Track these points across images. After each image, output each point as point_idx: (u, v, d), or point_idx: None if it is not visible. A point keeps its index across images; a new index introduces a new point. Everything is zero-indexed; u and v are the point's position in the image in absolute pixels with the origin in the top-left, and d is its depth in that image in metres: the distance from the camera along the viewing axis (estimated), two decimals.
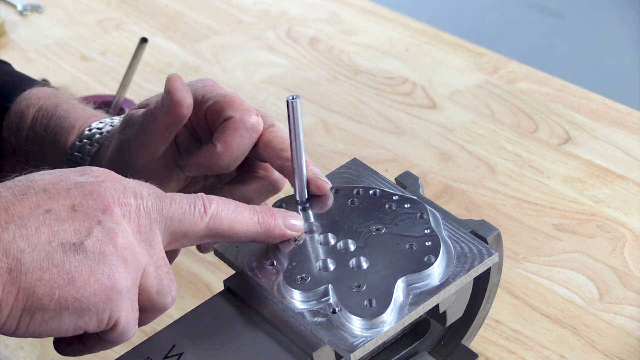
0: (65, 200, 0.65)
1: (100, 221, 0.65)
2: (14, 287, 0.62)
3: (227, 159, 0.79)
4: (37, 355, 0.94)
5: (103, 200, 0.66)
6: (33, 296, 0.62)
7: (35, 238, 0.63)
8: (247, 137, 0.79)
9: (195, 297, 0.99)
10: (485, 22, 3.05)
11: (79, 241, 0.64)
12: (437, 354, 0.81)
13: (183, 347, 0.71)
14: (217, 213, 0.70)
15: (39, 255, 0.62)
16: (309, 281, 0.72)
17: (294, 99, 0.74)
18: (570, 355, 0.91)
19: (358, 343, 0.68)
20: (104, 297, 0.64)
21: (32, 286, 0.62)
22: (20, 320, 0.63)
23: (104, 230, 0.65)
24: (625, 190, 1.09)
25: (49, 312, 0.63)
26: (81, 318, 0.64)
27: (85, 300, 0.64)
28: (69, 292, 0.63)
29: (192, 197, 0.70)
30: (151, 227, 0.68)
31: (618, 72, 2.82)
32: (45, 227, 0.63)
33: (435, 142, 1.17)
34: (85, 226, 0.64)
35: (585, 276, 0.99)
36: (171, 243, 0.70)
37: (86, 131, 0.87)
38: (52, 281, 0.63)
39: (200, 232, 0.70)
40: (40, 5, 1.47)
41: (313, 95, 1.27)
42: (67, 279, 0.63)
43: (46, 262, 0.63)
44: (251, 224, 0.72)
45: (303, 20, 1.42)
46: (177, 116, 0.79)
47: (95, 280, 0.64)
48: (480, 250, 0.74)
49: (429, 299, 0.71)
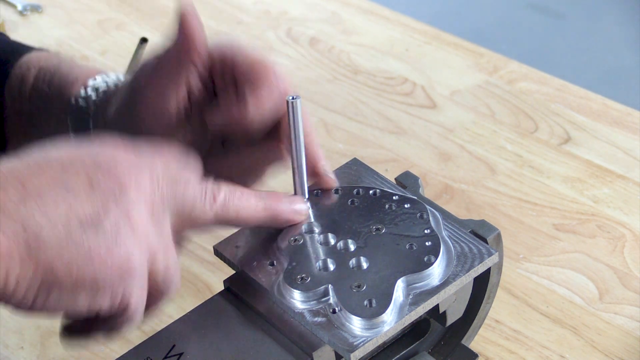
0: (83, 177, 0.64)
1: (117, 201, 0.64)
2: (32, 263, 0.61)
3: (255, 113, 0.75)
4: (37, 355, 0.94)
5: (120, 180, 0.65)
6: (51, 273, 0.62)
7: (55, 215, 0.62)
8: (276, 90, 0.76)
9: (195, 297, 0.99)
10: (485, 22, 3.05)
11: (97, 220, 0.63)
12: (437, 354, 0.81)
13: (183, 347, 0.71)
14: (225, 201, 0.70)
15: (58, 232, 0.62)
16: (309, 281, 0.72)
17: (294, 99, 0.74)
18: (570, 355, 0.91)
19: (358, 343, 0.68)
20: (118, 276, 0.64)
21: (51, 263, 0.62)
22: (37, 295, 0.63)
23: (121, 211, 0.64)
24: (625, 190, 1.09)
25: (65, 289, 0.63)
26: (95, 297, 0.64)
27: (101, 279, 0.63)
28: (86, 270, 0.63)
29: (202, 184, 0.70)
30: (164, 211, 0.67)
31: (618, 72, 2.82)
32: (64, 204, 0.62)
33: (435, 142, 1.17)
34: (103, 205, 0.64)
35: (585, 276, 0.99)
36: (178, 229, 0.70)
37: (91, 81, 0.85)
38: (71, 258, 0.62)
39: (208, 220, 0.70)
40: (40, 5, 1.47)
41: (313, 95, 1.27)
42: (86, 257, 0.62)
43: (65, 240, 0.62)
44: (257, 210, 0.72)
45: (303, 20, 1.42)
46: (189, 53, 0.76)
47: (111, 260, 0.63)
48: (480, 250, 0.74)
49: (429, 299, 0.71)
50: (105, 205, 0.64)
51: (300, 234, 0.76)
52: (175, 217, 0.69)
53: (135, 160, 0.67)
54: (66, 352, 0.94)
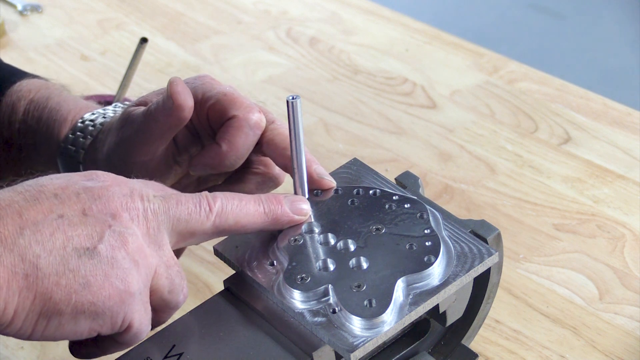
0: (76, 205, 0.65)
1: (110, 225, 0.65)
2: (30, 293, 0.62)
3: (232, 157, 0.79)
4: (37, 356, 0.94)
5: (111, 205, 0.66)
6: (50, 301, 0.63)
7: (50, 243, 0.63)
8: (251, 135, 0.79)
9: (195, 297, 0.99)
10: (485, 22, 3.05)
11: (92, 246, 0.64)
12: (437, 354, 0.81)
13: (183, 347, 0.71)
14: (222, 210, 0.71)
15: (54, 261, 0.63)
16: (309, 281, 0.72)
17: (294, 99, 0.75)
18: (570, 355, 0.91)
19: (358, 343, 0.68)
20: (118, 300, 0.65)
21: (49, 291, 0.63)
22: (36, 325, 0.64)
23: (115, 235, 0.65)
24: (625, 190, 1.09)
25: (65, 316, 0.64)
26: (96, 321, 0.65)
27: (100, 304, 0.64)
28: (85, 297, 0.64)
29: (196, 196, 0.71)
30: (159, 228, 0.68)
31: (618, 72, 2.82)
32: (59, 233, 0.64)
33: (435, 142, 1.17)
34: (97, 231, 0.65)
35: (585, 276, 0.99)
36: (178, 243, 0.71)
37: (79, 124, 0.87)
38: (69, 286, 0.63)
39: (207, 230, 0.71)
40: (40, 5, 1.47)
41: (313, 95, 1.27)
42: (83, 284, 0.63)
43: (62, 267, 0.63)
44: (257, 215, 0.73)
45: (303, 20, 1.42)
46: (179, 119, 0.79)
47: (109, 284, 0.64)
48: (480, 250, 0.74)
49: (429, 299, 0.71)
50: (100, 231, 0.65)
51: (300, 234, 0.76)
52: (172, 231, 0.69)
53: (126, 186, 0.68)
54: (66, 352, 0.94)
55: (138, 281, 0.66)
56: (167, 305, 0.70)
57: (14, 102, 0.90)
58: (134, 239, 0.66)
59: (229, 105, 0.79)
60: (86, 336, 0.66)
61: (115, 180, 0.68)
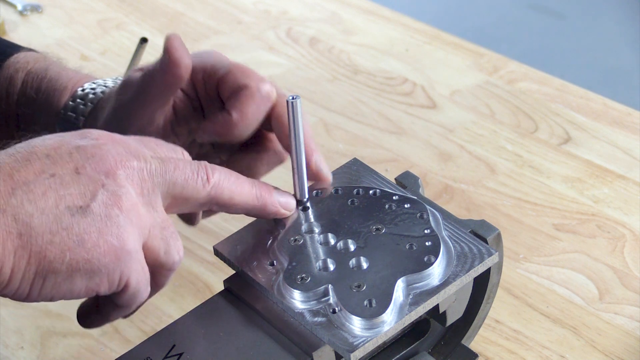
0: (68, 164, 0.65)
1: (104, 184, 0.65)
2: (25, 252, 0.62)
3: (241, 127, 0.78)
4: (37, 356, 0.94)
5: (105, 163, 0.66)
6: (45, 260, 0.63)
7: (43, 202, 0.63)
8: (262, 105, 0.79)
9: (195, 297, 0.99)
10: (485, 22, 3.05)
11: (85, 204, 0.64)
12: (437, 354, 0.81)
13: (183, 347, 0.71)
14: (219, 183, 0.71)
15: (47, 219, 0.63)
16: (309, 281, 0.72)
17: (294, 99, 0.75)
18: (570, 355, 0.91)
19: (358, 343, 0.68)
20: (113, 257, 0.64)
21: (43, 250, 0.63)
22: (33, 284, 0.63)
23: (108, 193, 0.65)
24: (625, 190, 1.09)
25: (61, 274, 0.63)
26: (92, 279, 0.65)
27: (95, 261, 0.64)
28: (79, 254, 0.63)
29: (195, 164, 0.70)
30: (154, 190, 0.68)
31: (618, 72, 2.82)
32: (51, 192, 0.63)
33: (435, 142, 1.17)
34: (90, 189, 0.64)
35: (585, 276, 0.99)
36: (171, 207, 0.70)
37: (79, 91, 0.86)
38: (63, 244, 0.63)
39: (201, 199, 0.71)
40: (40, 5, 1.47)
41: (313, 95, 1.27)
42: (77, 241, 0.63)
43: (55, 226, 0.63)
44: (250, 197, 0.73)
45: (303, 20, 1.42)
46: (174, 76, 0.78)
47: (104, 242, 0.64)
48: (480, 250, 0.74)
49: (429, 299, 0.71)
50: (93, 189, 0.64)
51: (300, 234, 0.76)
52: (167, 194, 0.69)
53: (122, 145, 0.68)
54: (66, 352, 0.95)
55: (134, 239, 0.65)
56: (163, 267, 0.69)
57: (12, 75, 0.90)
58: (127, 197, 0.65)
59: (241, 75, 0.79)
60: (83, 296, 0.65)
61: (110, 138, 0.68)
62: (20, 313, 0.98)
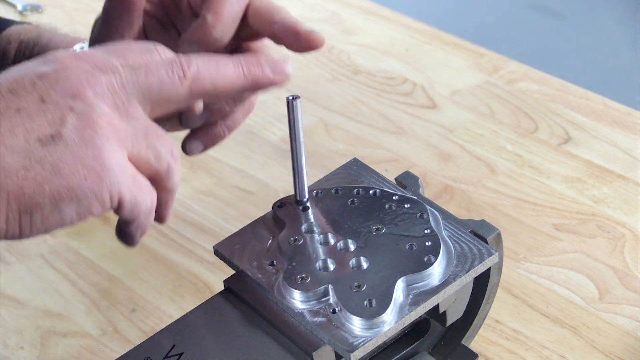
0: (32, 95, 0.63)
1: (71, 107, 0.63)
2: (2, 193, 0.61)
3: (219, 29, 0.76)
4: (37, 356, 0.94)
5: (71, 85, 0.64)
6: (24, 197, 0.62)
7: (12, 140, 0.62)
8: (236, 3, 0.76)
9: (195, 297, 0.99)
10: (485, 22, 3.05)
11: (56, 132, 0.63)
12: (437, 354, 0.81)
13: (183, 347, 0.71)
14: (198, 74, 0.68)
15: (19, 156, 0.62)
16: (309, 281, 0.72)
17: (294, 99, 0.75)
18: (570, 355, 0.91)
19: (358, 343, 0.68)
20: (96, 178, 0.63)
21: (20, 187, 0.61)
22: (21, 222, 0.62)
23: (78, 116, 0.63)
24: (625, 190, 1.09)
25: (46, 207, 0.62)
26: (81, 204, 0.63)
27: (78, 187, 0.63)
28: (59, 183, 0.62)
29: (169, 62, 0.68)
30: (128, 99, 0.66)
31: (618, 72, 2.82)
32: (19, 127, 0.62)
33: (435, 142, 1.17)
34: (58, 116, 0.63)
35: (585, 276, 0.99)
36: (154, 111, 0.68)
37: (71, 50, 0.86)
38: (39, 177, 0.62)
39: (182, 96, 0.68)
40: (40, 5, 1.47)
41: (313, 95, 1.27)
42: (53, 171, 0.62)
43: (28, 161, 0.62)
44: (237, 78, 0.70)
45: (303, 20, 1.41)
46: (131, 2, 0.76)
47: (82, 166, 0.63)
48: (480, 250, 0.74)
49: (429, 299, 0.71)
50: (61, 115, 0.63)
51: (300, 234, 0.76)
52: (144, 100, 0.67)
53: (86, 61, 0.66)
54: (66, 352, 0.95)
55: (114, 155, 0.64)
56: (159, 174, 0.67)
57: (5, 47, 0.89)
58: (100, 115, 0.64)
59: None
60: (78, 221, 0.64)
61: (73, 57, 0.66)
62: (20, 313, 0.98)
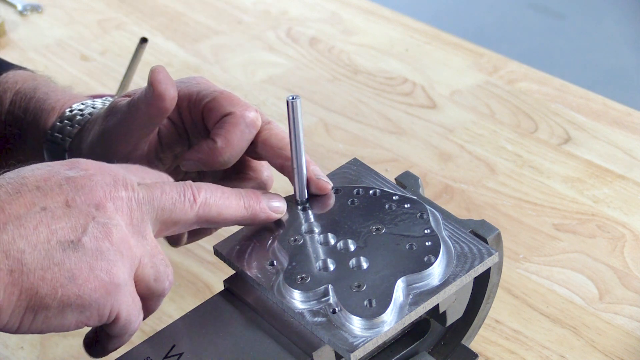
0: (58, 197, 0.65)
1: (94, 217, 0.65)
2: (15, 288, 0.62)
3: (227, 154, 0.79)
4: (37, 356, 0.94)
5: (95, 195, 0.66)
6: (36, 296, 0.63)
7: (35, 237, 0.63)
8: (247, 132, 0.79)
9: (195, 297, 0.99)
10: (485, 22, 3.05)
11: (77, 238, 0.64)
12: (437, 354, 0.81)
13: (183, 347, 0.71)
14: (206, 201, 0.71)
15: (39, 255, 0.63)
16: (309, 281, 0.72)
17: (294, 99, 0.75)
18: (570, 355, 0.91)
19: (358, 343, 0.68)
20: (104, 292, 0.65)
21: (35, 286, 0.63)
22: (23, 319, 0.64)
23: (99, 226, 0.65)
24: (625, 190, 1.09)
25: (52, 310, 0.64)
26: (83, 314, 0.65)
27: (87, 297, 0.64)
28: (70, 290, 0.63)
29: (180, 185, 0.71)
30: (143, 218, 0.68)
31: (618, 72, 2.82)
32: (42, 226, 0.63)
33: (435, 142, 1.17)
34: (81, 223, 0.64)
35: (585, 276, 0.99)
36: (161, 232, 0.71)
37: (67, 112, 0.86)
38: (54, 280, 0.63)
39: (190, 220, 0.71)
40: (40, 5, 1.47)
41: (313, 95, 1.27)
42: (69, 277, 0.63)
43: (47, 261, 0.63)
44: (238, 209, 0.73)
45: (303, 20, 1.42)
46: (159, 108, 0.78)
47: (94, 277, 0.64)
48: (480, 250, 0.74)
49: (429, 299, 0.71)
50: (84, 223, 0.65)
51: (300, 234, 0.76)
52: (156, 220, 0.69)
53: (109, 175, 0.68)
54: (66, 352, 0.95)
55: (123, 272, 0.65)
56: (153, 294, 0.70)
57: (0, 95, 0.90)
58: (118, 229, 0.66)
59: (226, 102, 0.79)
60: (73, 329, 0.66)
61: (98, 168, 0.68)
62: None
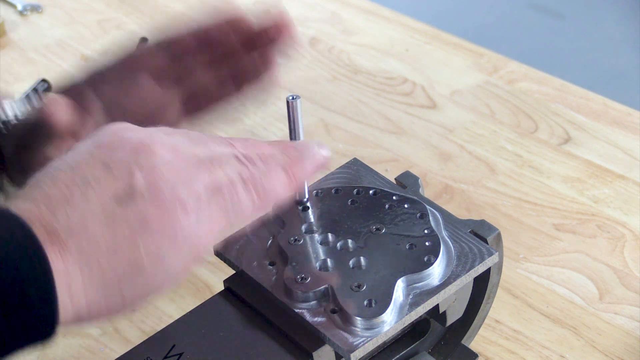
0: (94, 163, 0.63)
1: (136, 160, 0.63)
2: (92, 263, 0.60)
3: None
4: (37, 356, 0.94)
5: (129, 144, 0.64)
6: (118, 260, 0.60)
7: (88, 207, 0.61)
8: None
9: (195, 297, 0.99)
10: (485, 22, 3.05)
11: (130, 189, 0.62)
12: (437, 354, 0.81)
13: (183, 347, 0.71)
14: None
15: (100, 220, 0.61)
16: (309, 281, 0.72)
17: (294, 99, 0.75)
18: (570, 355, 0.91)
19: (358, 343, 0.68)
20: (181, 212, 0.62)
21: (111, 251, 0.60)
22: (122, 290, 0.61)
23: (145, 168, 0.63)
24: (625, 190, 1.09)
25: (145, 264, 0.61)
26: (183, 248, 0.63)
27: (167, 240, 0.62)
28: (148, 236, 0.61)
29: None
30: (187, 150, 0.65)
31: (618, 72, 2.81)
32: (90, 192, 0.61)
33: (435, 142, 1.17)
34: (126, 171, 0.62)
35: (585, 276, 0.99)
36: None
37: None
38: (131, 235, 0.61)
39: None
40: (40, 5, 1.47)
41: (313, 95, 1.27)
42: (141, 225, 0.61)
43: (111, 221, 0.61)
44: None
45: (303, 20, 1.42)
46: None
47: (165, 210, 0.62)
48: (481, 250, 0.74)
49: (429, 299, 0.71)
50: (128, 171, 0.62)
51: (300, 234, 0.76)
52: None
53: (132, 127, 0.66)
54: (66, 352, 0.94)
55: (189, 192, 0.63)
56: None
57: None
58: (163, 160, 0.63)
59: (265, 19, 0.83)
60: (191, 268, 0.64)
61: (121, 125, 0.66)
62: None
